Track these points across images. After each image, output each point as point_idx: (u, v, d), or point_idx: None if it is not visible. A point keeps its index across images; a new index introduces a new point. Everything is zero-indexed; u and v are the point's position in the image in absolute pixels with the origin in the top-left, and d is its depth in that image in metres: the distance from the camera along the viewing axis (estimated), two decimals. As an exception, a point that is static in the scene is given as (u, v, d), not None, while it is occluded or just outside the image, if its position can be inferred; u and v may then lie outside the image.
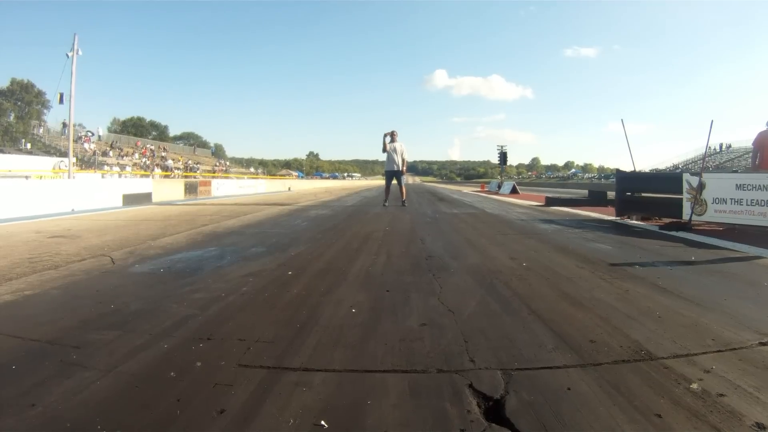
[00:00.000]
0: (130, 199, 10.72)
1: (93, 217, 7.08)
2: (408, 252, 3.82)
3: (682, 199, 5.70)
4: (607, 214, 7.45)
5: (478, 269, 3.09)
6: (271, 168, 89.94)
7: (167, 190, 14.03)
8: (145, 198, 11.50)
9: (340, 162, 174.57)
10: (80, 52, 18.21)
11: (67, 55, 18.04)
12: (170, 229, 5.40)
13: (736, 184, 5.16)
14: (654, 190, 6.71)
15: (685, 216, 5.57)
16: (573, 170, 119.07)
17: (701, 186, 5.44)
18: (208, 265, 3.26)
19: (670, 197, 6.09)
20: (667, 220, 5.91)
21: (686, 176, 5.67)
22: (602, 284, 2.68)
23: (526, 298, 2.37)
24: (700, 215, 5.47)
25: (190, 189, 15.53)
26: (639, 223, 6.20)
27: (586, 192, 15.69)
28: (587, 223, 6.34)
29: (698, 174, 5.51)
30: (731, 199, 5.19)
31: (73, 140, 18.87)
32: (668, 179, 7.15)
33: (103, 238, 4.57)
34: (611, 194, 10.59)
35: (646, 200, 6.64)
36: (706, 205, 5.42)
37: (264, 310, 2.19)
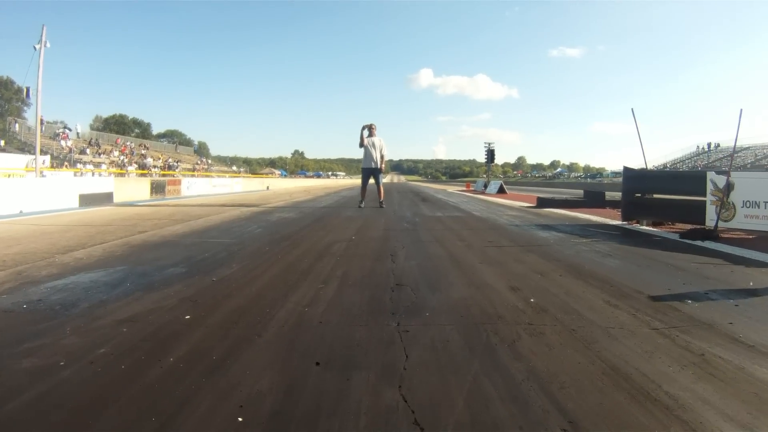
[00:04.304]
0: (87, 200, 9.48)
1: (33, 220, 6.08)
2: (370, 276, 2.82)
3: (705, 202, 4.82)
4: (609, 218, 6.64)
5: (467, 311, 2.09)
6: (255, 167, 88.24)
7: (131, 189, 12.91)
8: (105, 198, 10.25)
9: (325, 161, 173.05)
10: (48, 45, 17.03)
11: (35, 48, 16.83)
12: (99, 237, 4.46)
13: (773, 185, 4.31)
14: (669, 190, 5.76)
15: (709, 222, 4.69)
16: (559, 169, 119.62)
17: (729, 187, 4.57)
18: (90, 298, 2.29)
19: (688, 199, 5.20)
20: (682, 226, 5.05)
21: (711, 175, 4.78)
22: (659, 341, 1.72)
23: (550, 380, 1.38)
24: (726, 221, 4.61)
25: (157, 188, 14.42)
26: (652, 229, 5.32)
27: (577, 192, 15.00)
28: (592, 229, 5.42)
29: (725, 173, 4.64)
30: (766, 202, 4.34)
31: (50, 137, 17.56)
32: (688, 179, 6.20)
33: (10, 250, 3.67)
34: (609, 194, 9.83)
35: (658, 203, 5.71)
36: (735, 209, 4.56)
37: (94, 409, 1.21)
